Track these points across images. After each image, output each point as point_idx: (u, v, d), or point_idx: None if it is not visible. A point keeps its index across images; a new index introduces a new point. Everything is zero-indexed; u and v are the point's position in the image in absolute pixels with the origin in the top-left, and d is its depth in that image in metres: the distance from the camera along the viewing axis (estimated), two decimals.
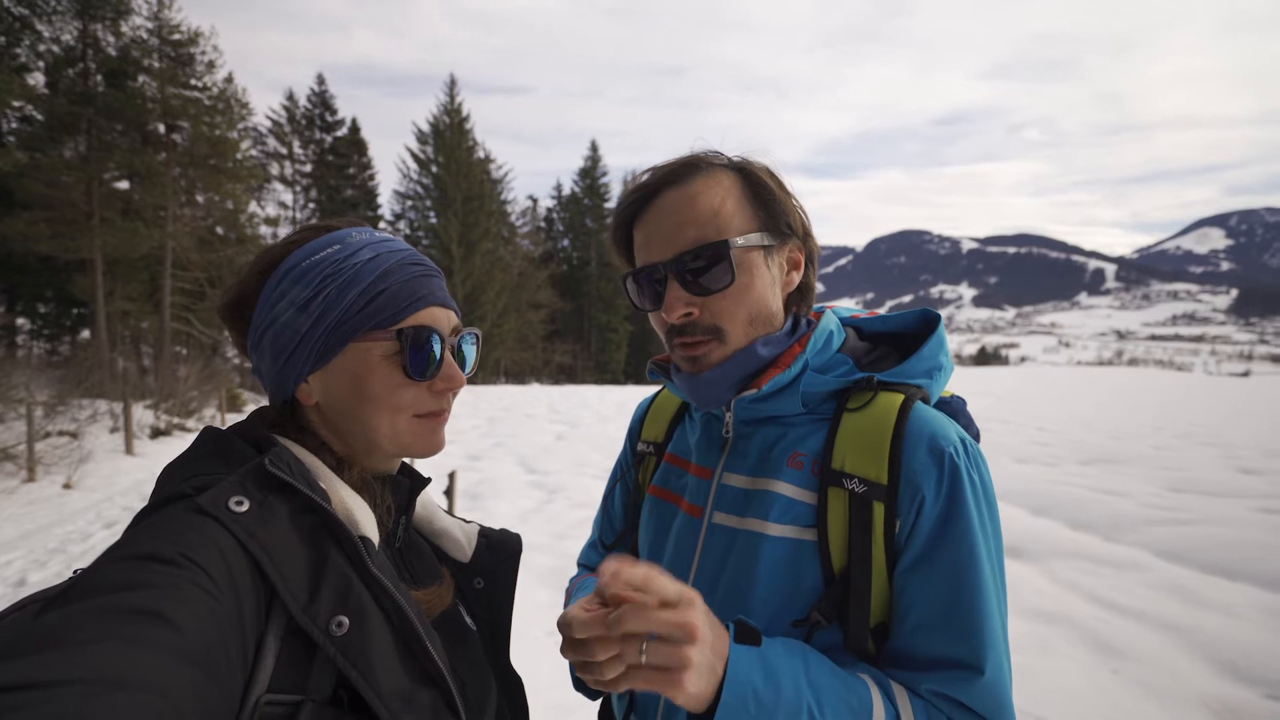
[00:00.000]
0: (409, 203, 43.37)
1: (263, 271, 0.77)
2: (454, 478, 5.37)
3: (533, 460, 9.70)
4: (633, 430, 1.21)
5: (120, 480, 8.74)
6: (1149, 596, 4.42)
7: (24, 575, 5.12)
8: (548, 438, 12.15)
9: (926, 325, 1.00)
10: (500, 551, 0.94)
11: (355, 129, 40.91)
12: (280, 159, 38.21)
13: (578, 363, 50.89)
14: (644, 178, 0.93)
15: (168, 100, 21.48)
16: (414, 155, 42.88)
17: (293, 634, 0.60)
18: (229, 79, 24.02)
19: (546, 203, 55.68)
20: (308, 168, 39.21)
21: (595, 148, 52.60)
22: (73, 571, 0.55)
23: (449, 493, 5.28)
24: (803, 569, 0.85)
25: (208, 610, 0.52)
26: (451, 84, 42.92)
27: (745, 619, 0.77)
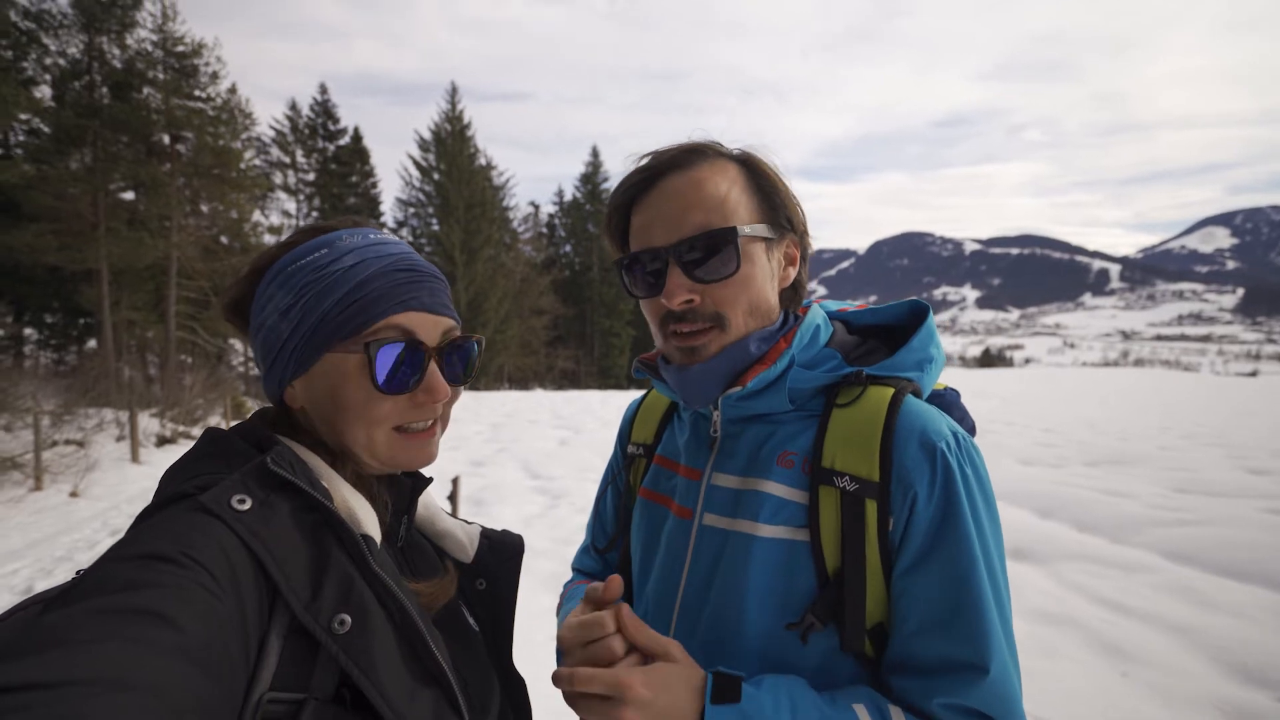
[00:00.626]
0: (411, 210, 43.61)
1: (256, 273, 0.78)
2: (457, 483, 5.37)
3: (536, 466, 9.69)
4: (623, 432, 1.19)
5: (127, 488, 8.77)
6: (1157, 598, 4.39)
7: (31, 584, 5.14)
8: (551, 443, 12.13)
9: (915, 316, 0.98)
10: (502, 552, 0.93)
11: (358, 137, 41.17)
12: (283, 168, 38.46)
13: (581, 368, 50.86)
14: (645, 160, 0.89)
15: (172, 111, 21.67)
16: (416, 163, 43.05)
17: (295, 632, 0.60)
18: (232, 89, 24.27)
19: (548, 208, 55.96)
20: (311, 176, 39.43)
21: (596, 153, 52.74)
22: (76, 573, 0.55)
23: (453, 498, 5.29)
24: (796, 570, 0.83)
25: (210, 610, 0.52)
26: (453, 91, 43.13)
27: (724, 670, 0.76)
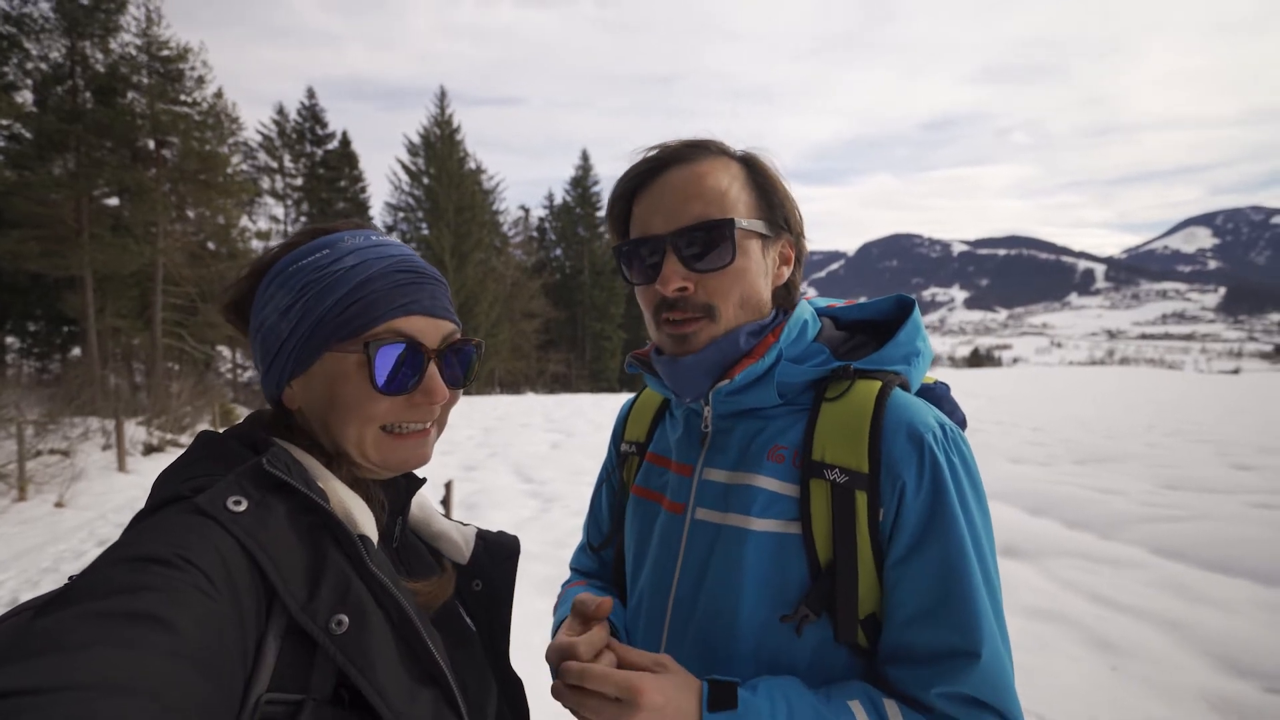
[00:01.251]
0: (401, 214, 43.32)
1: (257, 274, 0.78)
2: (450, 488, 5.35)
3: (529, 469, 9.66)
4: (616, 431, 1.21)
5: (113, 498, 8.66)
6: (1146, 593, 4.43)
7: (16, 595, 5.07)
8: (543, 447, 12.10)
9: (902, 311, 1.00)
10: (498, 553, 0.93)
11: (346, 142, 41.02)
12: (271, 173, 38.28)
13: (572, 371, 50.78)
14: (651, 152, 0.92)
15: (157, 116, 21.46)
16: (405, 167, 42.86)
17: (293, 633, 0.60)
18: (219, 94, 24.15)
19: (538, 212, 55.89)
20: (299, 181, 39.26)
21: (586, 157, 52.82)
22: (69, 579, 0.54)
23: (445, 503, 5.26)
24: (788, 563, 0.85)
25: (206, 612, 0.52)
26: (442, 96, 43.01)
27: (718, 677, 0.77)
